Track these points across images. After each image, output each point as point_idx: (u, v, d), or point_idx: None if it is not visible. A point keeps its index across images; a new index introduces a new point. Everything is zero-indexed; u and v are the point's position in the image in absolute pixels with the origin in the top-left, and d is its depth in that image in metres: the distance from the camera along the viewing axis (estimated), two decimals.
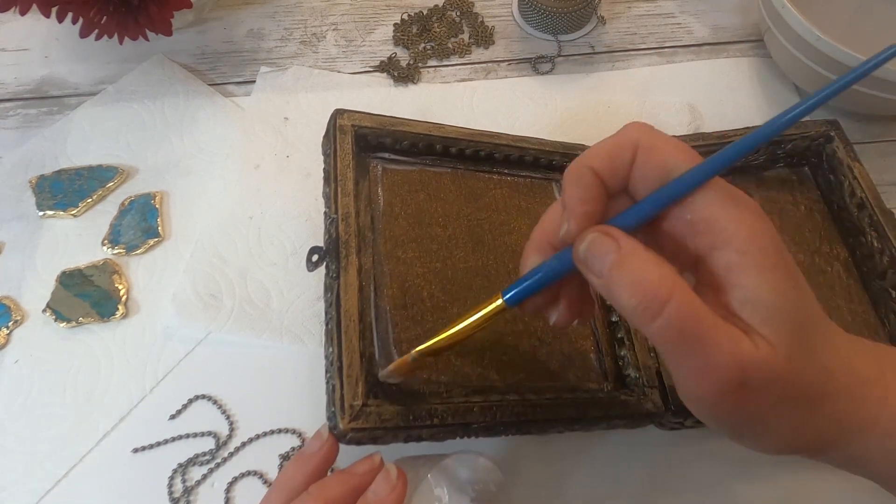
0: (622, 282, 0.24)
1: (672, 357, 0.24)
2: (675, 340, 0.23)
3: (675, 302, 0.23)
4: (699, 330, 0.23)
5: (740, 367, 0.23)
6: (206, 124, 0.54)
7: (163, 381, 0.42)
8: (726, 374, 0.23)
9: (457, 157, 0.45)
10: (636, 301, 0.23)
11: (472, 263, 0.41)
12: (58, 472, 0.39)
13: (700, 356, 0.23)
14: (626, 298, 0.24)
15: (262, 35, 0.60)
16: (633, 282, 0.23)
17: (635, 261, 0.24)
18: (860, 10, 0.58)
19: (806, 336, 0.24)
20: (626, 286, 0.24)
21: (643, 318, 0.23)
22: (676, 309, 0.23)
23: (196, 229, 0.48)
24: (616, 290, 0.24)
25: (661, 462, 0.40)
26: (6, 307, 0.45)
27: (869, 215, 0.44)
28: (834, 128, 0.48)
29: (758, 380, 0.23)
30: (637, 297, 0.23)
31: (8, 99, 0.55)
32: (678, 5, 0.64)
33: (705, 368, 0.23)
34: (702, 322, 0.23)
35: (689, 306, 0.23)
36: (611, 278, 0.24)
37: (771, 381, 0.23)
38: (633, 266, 0.24)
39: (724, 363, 0.23)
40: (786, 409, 0.24)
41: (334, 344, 0.34)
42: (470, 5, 0.62)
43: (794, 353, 0.23)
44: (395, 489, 0.29)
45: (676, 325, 0.23)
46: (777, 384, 0.24)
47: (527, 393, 0.36)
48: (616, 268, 0.24)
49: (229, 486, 0.39)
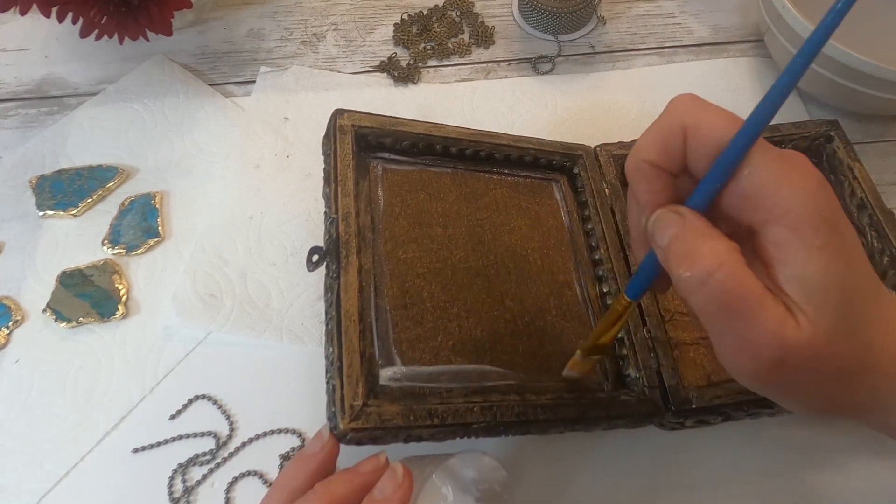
0: (676, 252, 0.25)
1: (715, 328, 0.25)
2: (718, 311, 0.24)
3: (721, 273, 0.23)
4: (743, 304, 0.23)
5: (781, 345, 0.23)
6: (206, 124, 0.54)
7: (163, 381, 0.42)
8: (766, 352, 0.23)
9: (457, 157, 0.45)
10: (684, 270, 0.24)
11: (472, 263, 0.41)
12: (58, 472, 0.39)
13: (743, 331, 0.24)
14: (676, 268, 0.24)
15: (262, 35, 0.60)
16: (684, 251, 0.24)
17: (690, 234, 0.25)
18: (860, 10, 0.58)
19: (850, 314, 0.24)
20: (678, 256, 0.24)
21: (689, 287, 0.24)
22: (721, 280, 0.23)
23: (196, 229, 0.48)
24: (671, 260, 0.25)
25: (661, 462, 0.40)
26: (6, 307, 0.45)
27: (869, 215, 0.44)
28: (834, 128, 0.48)
29: (797, 358, 0.23)
30: (685, 267, 0.24)
31: (8, 99, 0.55)
32: (678, 5, 0.64)
33: (747, 343, 0.24)
34: (748, 296, 0.23)
35: (736, 279, 0.23)
36: (667, 250, 0.25)
37: (810, 360, 0.24)
38: (687, 237, 0.25)
39: (764, 341, 0.23)
40: (821, 383, 0.25)
41: (334, 344, 0.34)
42: (470, 5, 0.62)
43: (836, 331, 0.23)
44: (401, 487, 0.29)
45: (719, 296, 0.23)
46: (815, 363, 0.24)
47: (527, 393, 0.36)
48: (674, 240, 0.25)
49: (229, 487, 0.39)
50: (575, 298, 0.42)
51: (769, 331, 0.23)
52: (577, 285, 0.43)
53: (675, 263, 0.25)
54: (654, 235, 0.26)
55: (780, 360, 0.23)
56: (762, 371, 0.24)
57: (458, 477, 0.33)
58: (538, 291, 0.42)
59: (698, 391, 0.38)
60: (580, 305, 0.42)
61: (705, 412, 0.38)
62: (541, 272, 0.42)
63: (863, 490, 0.40)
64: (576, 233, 0.45)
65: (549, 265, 0.43)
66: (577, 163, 0.47)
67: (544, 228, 0.45)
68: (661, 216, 0.26)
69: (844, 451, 0.41)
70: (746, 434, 0.41)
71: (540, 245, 0.44)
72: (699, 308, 0.24)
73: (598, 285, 0.43)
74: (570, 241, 0.45)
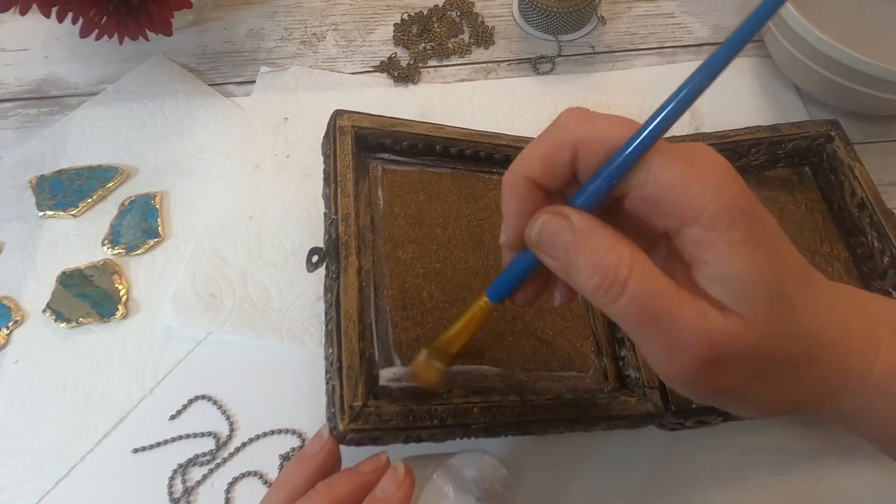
0: (579, 263, 0.23)
1: (639, 337, 0.23)
2: (639, 320, 0.22)
3: (634, 280, 0.22)
4: (663, 307, 0.22)
5: (710, 342, 0.22)
6: (206, 124, 0.54)
7: (163, 381, 0.42)
8: (696, 351, 0.22)
9: (457, 157, 0.45)
10: (595, 282, 0.22)
11: (472, 264, 0.41)
12: (58, 472, 0.39)
13: (666, 334, 0.22)
14: (584, 280, 0.23)
15: (262, 35, 0.60)
16: (590, 263, 0.23)
17: (591, 240, 0.23)
18: (860, 10, 0.58)
19: (784, 305, 0.23)
20: (583, 268, 0.23)
21: (605, 299, 0.23)
22: (637, 287, 0.22)
23: (196, 229, 0.48)
24: (573, 272, 0.23)
25: (661, 462, 0.40)
26: (6, 307, 0.45)
27: (869, 215, 0.44)
28: (834, 127, 0.48)
29: (732, 355, 0.22)
30: (596, 278, 0.22)
31: (8, 99, 0.55)
32: (678, 5, 0.64)
33: (674, 347, 0.22)
34: (665, 299, 0.22)
35: (651, 284, 0.22)
36: (567, 261, 0.23)
37: (746, 356, 0.22)
38: (589, 246, 0.23)
39: (692, 340, 0.22)
40: (766, 379, 0.24)
41: (334, 344, 0.34)
42: (470, 5, 0.62)
43: (771, 324, 0.22)
44: (403, 486, 0.29)
45: (638, 303, 0.22)
46: (753, 358, 0.23)
47: (527, 393, 0.36)
48: (571, 249, 0.23)
49: (229, 487, 0.39)
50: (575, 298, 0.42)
51: (695, 329, 0.22)
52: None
53: (578, 274, 0.23)
54: (541, 245, 0.24)
55: (714, 360, 0.22)
56: (696, 372, 0.23)
57: (460, 476, 0.33)
58: None
59: None
60: (580, 305, 0.42)
61: (705, 412, 0.38)
62: None
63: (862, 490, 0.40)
64: None
65: None
66: None
67: None
68: (547, 222, 0.24)
69: (844, 451, 0.41)
70: (746, 434, 0.41)
71: None
72: (618, 317, 0.23)
73: None
74: None
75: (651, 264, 0.23)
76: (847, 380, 0.25)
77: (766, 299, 0.22)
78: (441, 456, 0.34)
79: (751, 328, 0.22)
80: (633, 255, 0.22)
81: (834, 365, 0.24)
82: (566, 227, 0.23)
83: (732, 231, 0.22)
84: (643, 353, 0.24)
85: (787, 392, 0.24)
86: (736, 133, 0.47)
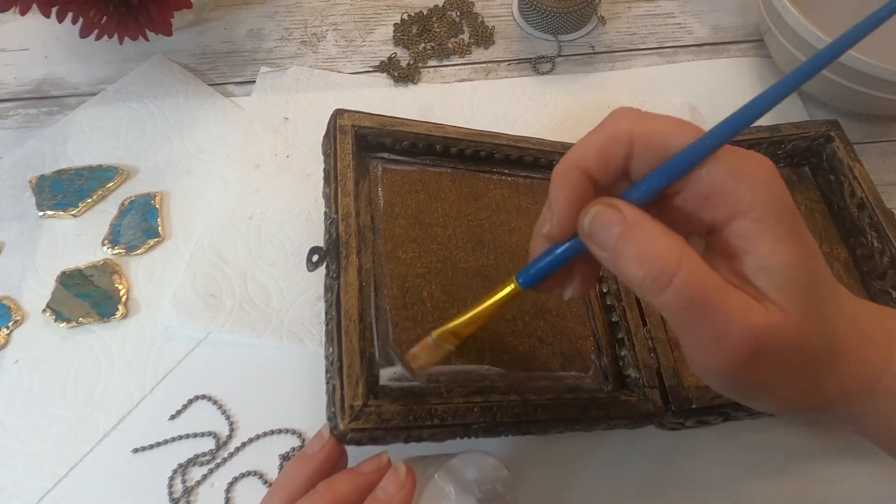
0: (629, 254, 0.24)
1: (683, 328, 0.24)
2: (685, 312, 0.23)
3: (683, 272, 0.23)
4: (710, 300, 0.23)
5: (754, 335, 0.23)
6: (206, 124, 0.54)
7: (163, 381, 0.42)
8: (741, 343, 0.23)
9: (457, 157, 0.45)
10: (643, 273, 0.23)
11: (472, 264, 0.41)
12: (58, 472, 0.39)
13: (712, 326, 0.23)
14: (633, 271, 0.23)
15: (262, 35, 0.60)
16: (639, 254, 0.23)
17: (641, 232, 0.24)
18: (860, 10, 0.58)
19: (818, 301, 0.24)
20: (632, 259, 0.23)
21: (652, 290, 0.23)
22: (685, 279, 0.23)
23: (196, 229, 0.48)
24: (623, 263, 0.24)
25: (661, 462, 0.40)
26: (6, 307, 0.45)
27: (869, 215, 0.44)
28: (834, 128, 0.48)
29: (770, 347, 0.23)
30: (644, 270, 0.23)
31: (8, 99, 0.55)
32: (678, 5, 0.64)
33: (719, 339, 0.23)
34: (712, 292, 0.23)
35: (699, 276, 0.23)
36: (617, 252, 0.24)
37: (783, 348, 0.23)
38: (639, 238, 0.24)
39: (737, 332, 0.23)
40: (795, 373, 0.25)
41: (334, 344, 0.34)
42: (470, 5, 0.62)
43: (806, 318, 0.23)
44: (404, 487, 0.29)
45: (686, 296, 0.23)
46: (788, 350, 0.24)
47: (527, 393, 0.36)
48: (622, 240, 0.24)
49: (229, 487, 0.39)
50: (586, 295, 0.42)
51: (738, 321, 0.23)
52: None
53: (627, 265, 0.24)
54: (593, 235, 0.25)
55: (755, 351, 0.23)
56: (737, 365, 0.23)
57: (461, 477, 0.33)
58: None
59: (698, 391, 0.38)
60: (580, 305, 0.42)
61: (705, 412, 0.38)
62: None
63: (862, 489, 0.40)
64: None
65: None
66: None
67: None
68: (600, 213, 0.25)
69: (845, 451, 0.41)
70: (746, 434, 0.41)
71: None
72: (665, 309, 0.23)
73: (599, 285, 0.43)
74: None
75: (698, 258, 0.23)
76: (861, 384, 0.26)
77: (805, 292, 0.23)
78: (442, 456, 0.34)
79: (789, 321, 0.23)
80: (682, 249, 0.23)
81: (853, 368, 0.26)
82: (618, 218, 0.24)
83: (779, 225, 0.23)
84: (685, 345, 0.25)
85: (810, 389, 0.25)
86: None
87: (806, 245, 0.24)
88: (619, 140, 0.25)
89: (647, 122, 0.25)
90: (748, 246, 0.23)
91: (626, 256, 0.24)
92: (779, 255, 0.23)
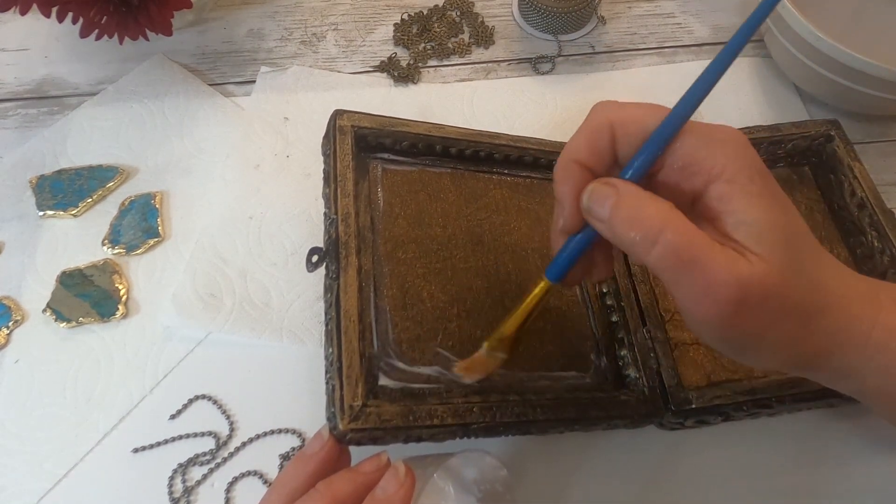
0: (621, 219, 0.26)
1: (674, 283, 0.26)
2: (674, 266, 0.25)
3: (670, 230, 0.25)
4: (695, 253, 0.25)
5: (738, 284, 0.24)
6: (206, 124, 0.54)
7: (163, 381, 0.42)
8: (725, 293, 0.25)
9: (457, 157, 0.45)
10: (634, 233, 0.26)
11: (472, 264, 0.41)
12: (58, 472, 0.39)
13: (699, 278, 0.25)
14: (625, 233, 0.26)
15: (262, 35, 0.60)
16: (630, 217, 0.26)
17: (631, 199, 0.26)
18: (860, 10, 0.58)
19: (797, 252, 0.26)
20: (624, 222, 0.26)
21: (643, 248, 0.25)
22: (672, 235, 0.25)
23: (196, 229, 0.48)
24: (617, 227, 0.26)
25: (660, 462, 0.40)
26: (6, 307, 0.45)
27: (869, 215, 0.44)
28: (834, 127, 0.48)
29: (755, 296, 0.25)
30: (635, 230, 0.25)
31: (8, 99, 0.55)
32: (678, 5, 0.64)
33: (706, 290, 0.25)
34: (697, 245, 0.25)
35: (684, 232, 0.25)
36: (611, 219, 0.26)
37: (768, 297, 0.25)
38: (628, 204, 0.26)
39: (722, 282, 0.24)
40: (783, 323, 0.26)
41: (334, 344, 0.34)
42: (470, 5, 0.62)
43: (787, 267, 0.25)
44: (404, 486, 0.29)
45: (673, 250, 0.25)
46: (773, 299, 0.25)
47: (527, 393, 0.36)
48: (615, 208, 0.26)
49: (229, 487, 0.39)
50: (575, 298, 0.42)
51: (723, 271, 0.24)
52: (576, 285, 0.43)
53: (621, 229, 0.26)
54: (591, 209, 0.27)
55: (741, 301, 0.25)
56: (724, 315, 0.25)
57: (460, 476, 0.33)
58: None
59: (698, 391, 0.38)
60: (580, 305, 0.42)
61: (705, 412, 0.38)
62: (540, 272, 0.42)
63: (862, 489, 0.40)
64: None
65: None
66: None
67: (544, 229, 0.45)
68: (596, 189, 0.27)
69: (844, 450, 0.41)
70: (746, 434, 0.41)
71: (540, 245, 0.44)
72: (655, 266, 0.25)
73: (598, 285, 0.43)
74: None
75: (684, 218, 0.25)
76: (851, 335, 0.27)
77: (784, 244, 0.25)
78: (441, 456, 0.34)
79: (771, 270, 0.25)
80: (669, 210, 0.26)
81: (840, 319, 0.27)
82: (612, 191, 0.27)
83: (751, 184, 0.26)
84: (677, 301, 0.27)
85: (799, 338, 0.27)
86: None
87: (780, 202, 0.26)
88: (601, 130, 0.28)
89: (624, 110, 0.28)
90: (725, 206, 0.26)
91: (619, 221, 0.26)
92: (753, 210, 0.25)
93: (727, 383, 0.39)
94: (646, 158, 0.27)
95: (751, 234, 0.25)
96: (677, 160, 0.27)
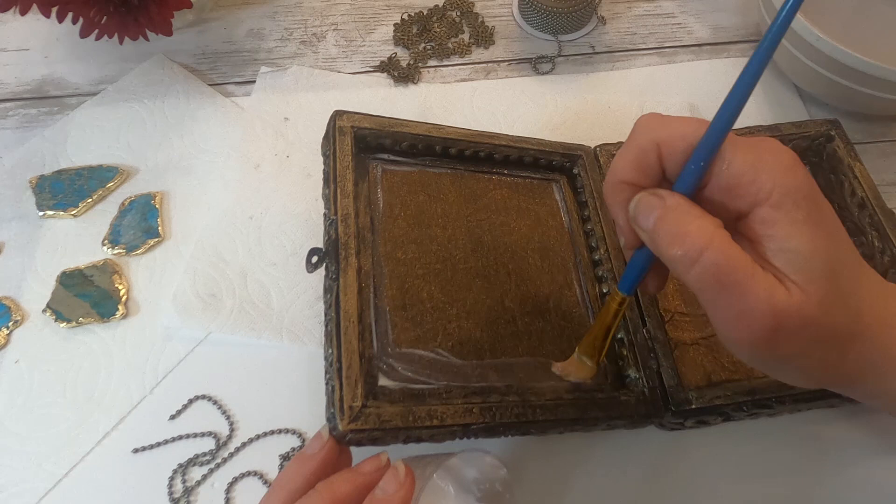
0: (664, 233, 0.26)
1: (710, 303, 0.26)
2: (712, 287, 0.25)
3: (712, 249, 0.24)
4: (736, 278, 0.24)
5: (774, 314, 0.24)
6: (206, 124, 0.54)
7: (163, 381, 0.42)
8: (761, 321, 0.24)
9: (456, 157, 0.45)
10: (675, 249, 0.25)
11: (472, 264, 0.41)
12: (58, 472, 0.39)
13: (736, 303, 0.25)
14: (667, 248, 0.26)
15: (262, 35, 0.60)
16: (673, 232, 0.25)
17: (676, 214, 0.26)
18: (860, 10, 0.58)
19: (838, 281, 0.25)
20: (667, 237, 0.26)
21: (682, 265, 0.25)
22: (713, 256, 0.24)
23: (196, 229, 0.48)
24: (659, 241, 0.26)
25: (660, 462, 0.40)
26: (6, 307, 0.45)
27: (869, 215, 0.44)
28: (835, 127, 0.48)
29: (791, 326, 0.25)
30: (677, 246, 0.25)
31: (8, 99, 0.55)
32: (678, 5, 0.64)
33: (741, 314, 0.25)
34: (738, 270, 0.24)
35: (727, 253, 0.25)
36: (654, 232, 0.26)
37: (803, 327, 0.25)
38: (673, 218, 0.26)
39: (758, 310, 0.24)
40: (817, 350, 0.26)
41: (334, 345, 0.34)
42: (470, 5, 0.62)
43: (825, 297, 0.25)
44: (404, 486, 0.29)
45: (713, 271, 0.24)
46: (808, 329, 0.25)
47: (527, 394, 0.36)
48: (659, 221, 0.26)
49: (229, 487, 0.39)
50: (575, 299, 0.42)
51: (761, 299, 0.24)
52: (576, 286, 0.43)
53: (664, 244, 0.26)
54: (637, 218, 0.27)
55: (775, 328, 0.25)
56: (758, 340, 0.25)
57: (460, 476, 0.33)
58: (538, 292, 0.42)
59: (698, 391, 0.38)
60: (580, 306, 0.42)
61: (705, 412, 0.38)
62: (540, 273, 0.43)
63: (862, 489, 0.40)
64: (576, 233, 0.45)
65: (549, 266, 0.43)
66: (576, 163, 0.47)
67: (544, 229, 0.45)
68: (643, 199, 0.27)
69: (844, 451, 0.41)
70: (746, 434, 0.41)
71: (540, 246, 0.44)
72: (694, 284, 0.25)
73: (598, 286, 0.43)
74: (570, 242, 0.45)
75: (728, 238, 0.25)
76: (886, 359, 0.27)
77: (822, 273, 0.25)
78: (441, 456, 0.34)
79: (809, 301, 0.25)
80: (714, 230, 0.25)
81: (877, 345, 0.27)
82: (658, 202, 0.27)
83: (796, 211, 0.25)
84: (712, 320, 0.26)
85: (831, 365, 0.27)
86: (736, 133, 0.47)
87: (826, 228, 0.26)
88: (647, 149, 0.28)
89: (669, 127, 0.28)
90: (768, 230, 0.25)
91: (662, 235, 0.26)
92: (795, 238, 0.25)
93: (727, 383, 0.39)
94: (692, 174, 0.27)
95: (791, 263, 0.25)
96: (724, 180, 0.26)
